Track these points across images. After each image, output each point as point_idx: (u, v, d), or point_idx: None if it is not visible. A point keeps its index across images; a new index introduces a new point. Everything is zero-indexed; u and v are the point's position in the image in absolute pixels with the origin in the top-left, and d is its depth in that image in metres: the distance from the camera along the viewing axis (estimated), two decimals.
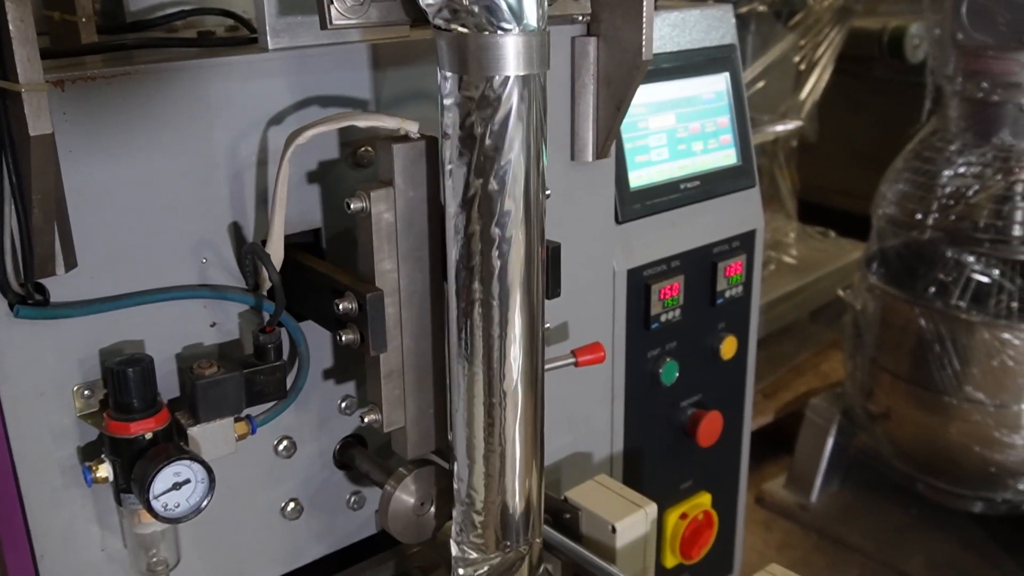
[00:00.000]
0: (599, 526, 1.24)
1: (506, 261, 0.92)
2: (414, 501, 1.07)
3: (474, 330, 0.94)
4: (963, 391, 2.45)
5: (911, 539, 2.95)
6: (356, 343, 0.96)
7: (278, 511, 1.13)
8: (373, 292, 0.94)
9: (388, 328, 0.96)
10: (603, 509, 1.24)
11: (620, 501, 1.27)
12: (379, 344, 0.96)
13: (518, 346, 0.97)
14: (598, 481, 1.31)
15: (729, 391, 1.69)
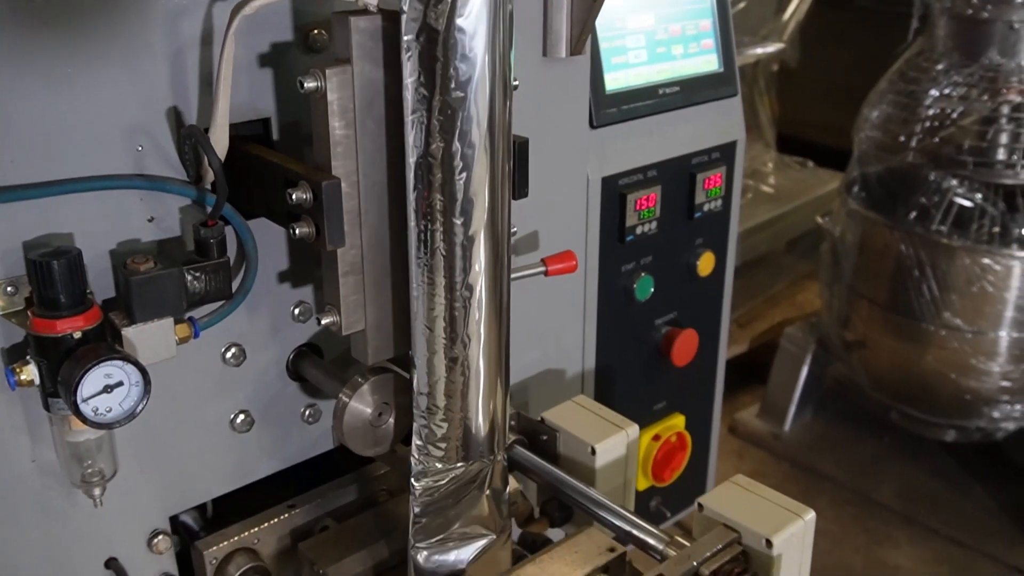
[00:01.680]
0: (578, 447, 1.18)
1: (469, 155, 0.84)
2: (371, 411, 1.00)
3: (434, 231, 0.87)
4: (941, 318, 2.41)
5: (883, 468, 2.94)
6: (311, 237, 0.89)
7: (227, 424, 1.06)
8: (329, 180, 0.86)
9: (346, 220, 0.89)
10: (582, 430, 1.18)
11: (599, 422, 1.21)
12: (336, 237, 0.88)
13: (482, 249, 0.90)
14: (576, 402, 1.25)
15: (705, 310, 1.63)
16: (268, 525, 1.06)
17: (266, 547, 1.06)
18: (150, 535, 1.04)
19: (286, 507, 1.08)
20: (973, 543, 2.63)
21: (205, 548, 1.02)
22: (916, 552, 2.61)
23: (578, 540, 1.04)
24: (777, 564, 1.00)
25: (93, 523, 0.99)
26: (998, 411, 2.54)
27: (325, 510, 1.10)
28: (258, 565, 1.03)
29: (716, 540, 1.00)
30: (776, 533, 0.99)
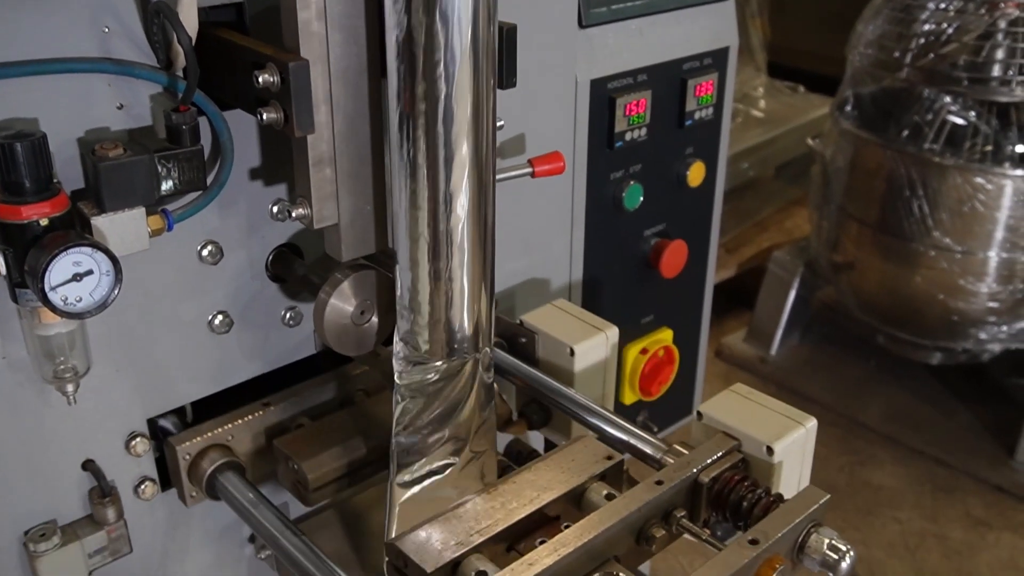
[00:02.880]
0: (556, 349, 1.16)
1: (452, 40, 0.80)
2: (352, 309, 0.98)
3: (415, 119, 0.83)
4: (931, 237, 2.40)
5: (868, 391, 2.95)
6: (279, 123, 0.85)
7: (205, 324, 1.03)
8: (297, 61, 0.82)
9: (315, 104, 0.85)
10: (561, 332, 1.17)
11: (579, 324, 1.19)
12: (304, 123, 0.84)
13: (467, 144, 0.86)
14: (556, 305, 1.23)
15: (695, 221, 1.60)
16: (242, 422, 1.04)
17: (240, 444, 1.04)
18: (128, 437, 1.01)
19: (261, 404, 1.06)
20: (956, 463, 2.66)
21: (178, 444, 1.00)
22: (900, 471, 2.63)
23: (574, 448, 1.01)
24: (778, 471, 0.98)
25: (68, 424, 0.97)
26: (984, 332, 2.54)
27: (300, 408, 1.08)
28: (232, 460, 1.01)
29: (715, 447, 0.98)
30: (777, 440, 0.97)
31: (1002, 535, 2.41)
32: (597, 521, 0.87)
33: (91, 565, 1.01)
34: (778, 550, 0.87)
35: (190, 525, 1.10)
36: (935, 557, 2.35)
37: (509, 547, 0.90)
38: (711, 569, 0.83)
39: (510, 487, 0.95)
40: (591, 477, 0.96)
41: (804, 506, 0.89)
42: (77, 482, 1.00)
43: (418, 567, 0.85)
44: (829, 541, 0.88)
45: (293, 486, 1.00)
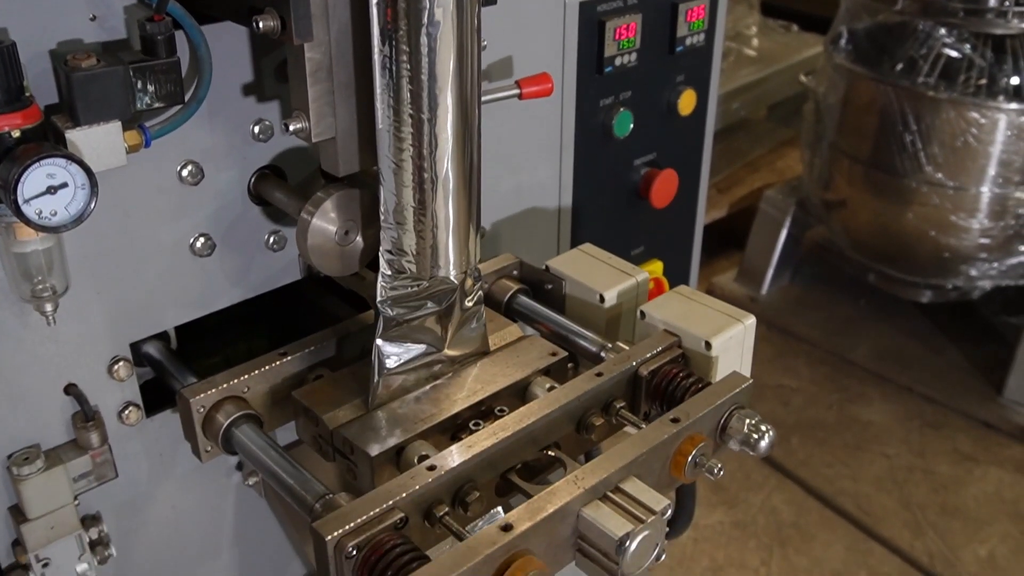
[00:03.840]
0: (585, 295, 1.15)
1: None
2: (336, 229, 0.96)
3: (398, 39, 0.81)
4: (923, 173, 2.38)
5: (858, 329, 2.96)
6: (276, 31, 0.82)
7: (186, 247, 1.01)
8: None
9: (313, 12, 0.82)
10: (589, 277, 1.15)
11: (607, 270, 1.17)
12: (303, 29, 0.82)
13: (451, 59, 0.84)
14: (582, 250, 1.21)
15: (686, 150, 1.58)
16: (258, 372, 0.99)
17: (256, 396, 1.00)
18: (110, 361, 1.00)
19: (277, 355, 1.01)
20: (945, 399, 2.67)
21: (192, 396, 0.96)
22: (888, 408, 2.64)
23: (519, 346, 1.04)
24: (716, 366, 1.02)
25: (49, 347, 0.95)
26: (975, 269, 2.54)
27: (318, 359, 1.04)
28: (249, 413, 0.97)
29: (655, 343, 1.02)
30: (715, 336, 1.01)
31: (988, 469, 2.43)
32: (537, 408, 0.92)
33: (76, 489, 1.00)
34: (699, 429, 0.92)
35: (175, 452, 1.09)
36: (922, 491, 2.37)
37: (453, 435, 0.94)
38: (632, 444, 0.87)
39: (455, 381, 0.99)
40: (535, 371, 1.00)
41: (726, 389, 0.95)
42: (60, 406, 0.99)
43: (363, 452, 0.89)
44: (750, 422, 0.93)
45: (313, 440, 0.98)
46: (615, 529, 0.80)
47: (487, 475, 0.88)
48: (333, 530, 0.76)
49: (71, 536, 1.01)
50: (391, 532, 0.78)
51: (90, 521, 1.04)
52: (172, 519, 1.12)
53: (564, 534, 0.82)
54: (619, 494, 0.84)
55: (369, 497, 0.79)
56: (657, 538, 0.82)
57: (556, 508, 0.79)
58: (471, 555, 0.74)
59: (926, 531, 2.25)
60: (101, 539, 1.05)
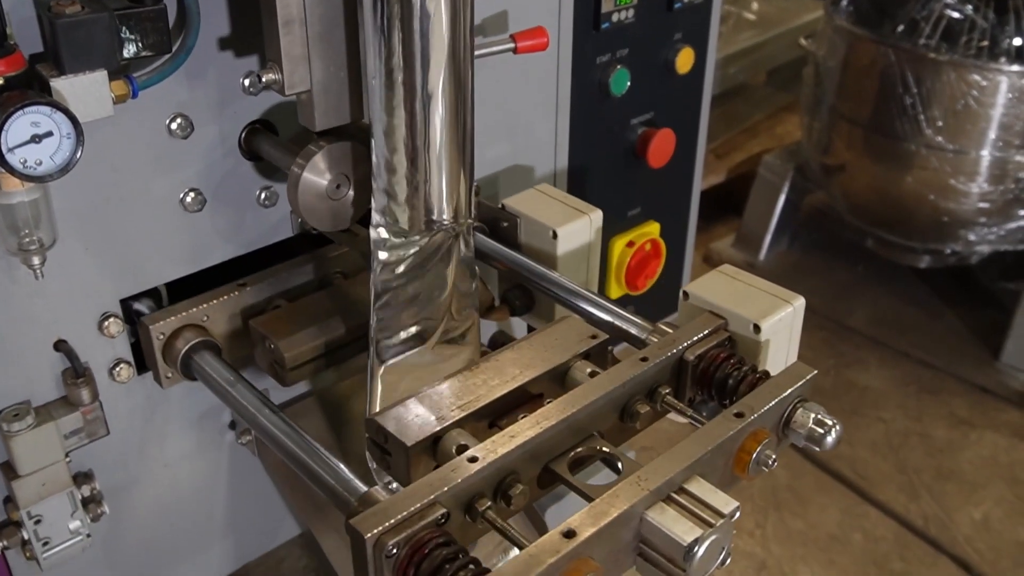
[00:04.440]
0: (539, 233, 1.14)
1: None
2: (327, 183, 0.95)
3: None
4: (923, 136, 2.36)
5: (856, 295, 2.95)
6: None
7: (176, 202, 1.00)
8: None
9: None
10: (544, 215, 1.14)
11: (562, 207, 1.17)
12: None
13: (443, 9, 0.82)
14: (538, 189, 1.20)
15: (683, 110, 1.56)
16: (217, 302, 1.01)
17: (216, 325, 1.02)
18: (100, 318, 0.99)
19: (236, 285, 1.03)
20: (942, 364, 2.67)
21: (151, 323, 0.98)
22: (885, 373, 2.64)
23: (558, 328, 0.98)
24: (765, 350, 0.96)
25: (37, 302, 0.94)
26: (974, 234, 2.52)
27: (277, 290, 1.06)
28: (207, 340, 0.99)
29: (702, 326, 0.96)
30: (764, 318, 0.95)
31: (984, 434, 2.43)
32: (580, 395, 0.85)
33: (67, 446, 1.00)
34: (763, 424, 0.86)
35: (168, 409, 1.09)
36: (918, 455, 2.37)
37: (491, 423, 0.89)
38: (696, 441, 0.81)
39: (492, 365, 0.93)
40: (575, 356, 0.93)
41: (790, 381, 0.88)
42: (50, 363, 0.98)
43: (398, 441, 0.83)
44: (815, 416, 0.87)
45: (270, 366, 0.98)
46: (683, 534, 0.73)
47: (530, 467, 0.82)
48: (373, 527, 0.70)
49: (63, 493, 1.00)
50: (433, 529, 0.72)
51: (82, 478, 1.04)
52: (165, 477, 1.12)
53: (626, 538, 0.76)
54: (684, 495, 0.77)
55: (409, 491, 0.73)
56: (724, 542, 0.76)
57: (620, 512, 0.73)
58: (534, 564, 0.68)
59: (921, 494, 2.25)
60: (93, 496, 1.04)
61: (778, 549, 2.11)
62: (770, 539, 2.14)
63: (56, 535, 1.01)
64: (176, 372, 1.01)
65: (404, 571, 0.71)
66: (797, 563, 2.08)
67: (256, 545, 1.27)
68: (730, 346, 0.97)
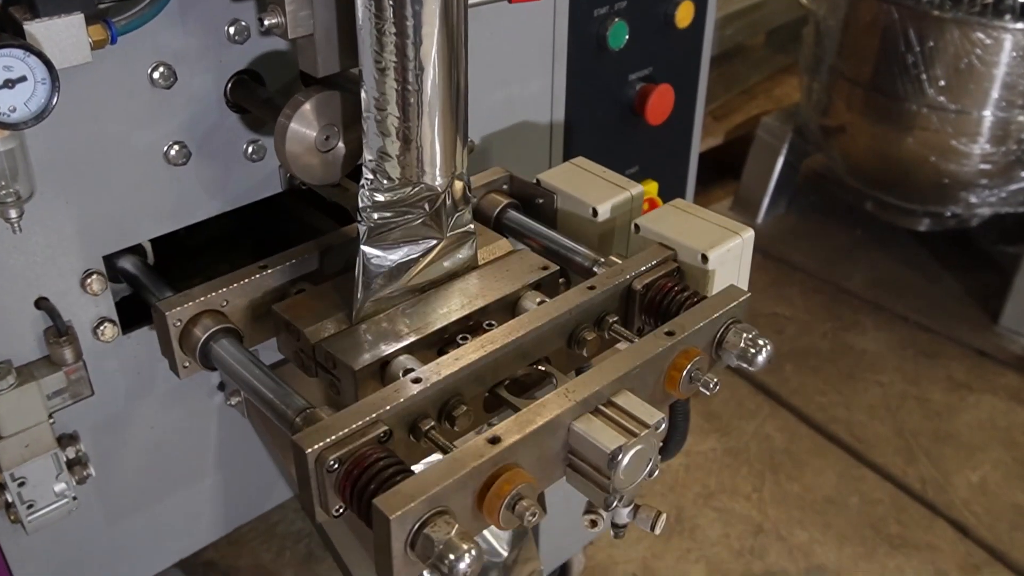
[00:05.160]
0: (578, 209, 1.10)
1: None
2: (315, 134, 0.91)
3: None
4: (925, 96, 2.32)
5: (854, 258, 2.93)
6: None
7: (160, 154, 0.96)
8: None
9: None
10: (582, 191, 1.11)
11: (600, 183, 1.13)
12: None
13: None
14: (575, 164, 1.17)
15: (683, 65, 1.52)
16: (237, 286, 0.95)
17: (236, 310, 0.96)
18: (83, 275, 0.96)
19: (257, 267, 0.97)
20: (940, 328, 2.65)
21: (168, 309, 0.92)
22: (883, 336, 2.62)
23: (509, 260, 1.01)
24: (712, 279, 0.98)
25: (17, 258, 0.91)
26: (975, 196, 2.50)
27: (300, 273, 1.00)
28: (228, 327, 0.94)
29: (650, 256, 0.98)
30: (711, 249, 0.97)
31: (982, 397, 2.42)
32: (526, 321, 0.88)
33: (51, 407, 0.97)
34: (695, 343, 0.89)
35: (155, 370, 1.06)
36: (915, 418, 2.36)
37: (440, 350, 0.91)
38: (625, 356, 0.84)
39: (442, 294, 0.96)
40: (525, 285, 0.97)
41: (723, 302, 0.91)
42: (31, 321, 0.95)
43: (346, 365, 0.86)
44: (747, 336, 0.90)
45: (295, 355, 0.94)
46: (607, 442, 0.77)
47: (475, 389, 0.85)
48: (314, 442, 0.73)
49: (47, 455, 0.98)
50: (374, 445, 0.75)
51: (67, 440, 1.01)
52: (152, 439, 1.09)
53: (554, 448, 0.79)
54: (611, 407, 0.81)
55: (352, 410, 0.76)
56: (650, 453, 0.79)
57: (546, 421, 0.76)
58: (457, 467, 0.71)
59: (919, 457, 2.24)
60: (79, 458, 1.02)
61: (774, 512, 2.10)
62: (767, 502, 2.13)
63: (41, 498, 0.99)
64: (195, 362, 0.95)
65: (344, 485, 0.74)
66: (794, 526, 2.07)
67: (248, 508, 1.25)
68: (678, 276, 0.99)
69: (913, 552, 2.01)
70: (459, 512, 0.72)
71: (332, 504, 0.76)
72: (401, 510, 0.67)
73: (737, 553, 2.00)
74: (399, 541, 0.69)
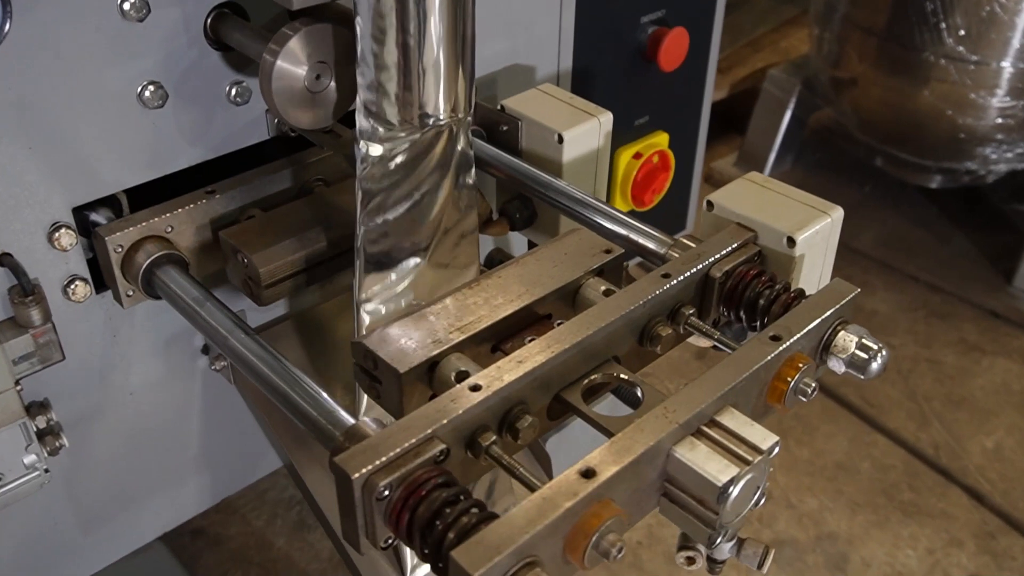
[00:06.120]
0: (543, 137, 1.02)
1: None
2: (305, 72, 0.82)
3: None
4: (943, 46, 2.23)
5: (862, 216, 2.85)
6: None
7: (134, 96, 0.87)
8: None
9: None
10: (548, 118, 1.02)
11: (568, 109, 1.05)
12: None
13: None
14: (541, 89, 1.08)
15: (696, 7, 1.43)
16: (183, 211, 0.89)
17: (182, 237, 0.90)
18: (50, 228, 0.87)
19: (204, 192, 0.91)
20: (951, 288, 2.58)
21: (107, 234, 0.86)
22: (893, 297, 2.55)
23: (567, 241, 0.87)
24: (798, 266, 0.87)
25: None
26: (992, 151, 2.41)
27: (251, 199, 0.94)
28: (171, 253, 0.88)
29: (729, 239, 0.86)
30: (799, 231, 0.85)
31: (996, 360, 2.35)
32: (596, 316, 0.75)
33: (17, 372, 0.89)
34: (801, 348, 0.76)
35: (132, 332, 0.98)
36: (928, 382, 2.29)
37: (494, 347, 0.79)
38: (728, 367, 0.71)
39: (494, 282, 0.82)
40: (587, 272, 0.83)
41: (831, 300, 0.79)
42: None
43: (390, 368, 0.72)
44: (858, 339, 0.78)
45: (243, 283, 0.87)
46: (716, 473, 0.64)
47: (540, 396, 0.72)
48: (362, 465, 0.60)
49: (15, 425, 0.90)
50: (431, 467, 0.63)
51: (37, 408, 0.93)
52: (131, 407, 1.02)
53: (651, 478, 0.66)
54: (716, 429, 0.68)
55: (403, 424, 0.64)
56: (760, 480, 0.67)
57: (646, 448, 0.64)
58: (549, 509, 0.59)
59: (932, 422, 2.18)
60: (50, 428, 0.94)
61: (784, 479, 2.04)
62: (776, 468, 2.06)
63: (9, 471, 0.91)
64: (138, 289, 0.89)
65: (398, 516, 0.61)
66: (803, 493, 2.01)
67: (235, 479, 1.17)
68: (760, 262, 0.88)
69: (927, 520, 1.95)
70: (547, 560, 0.59)
71: (381, 536, 0.63)
72: (486, 566, 0.55)
73: (745, 520, 1.94)
74: None
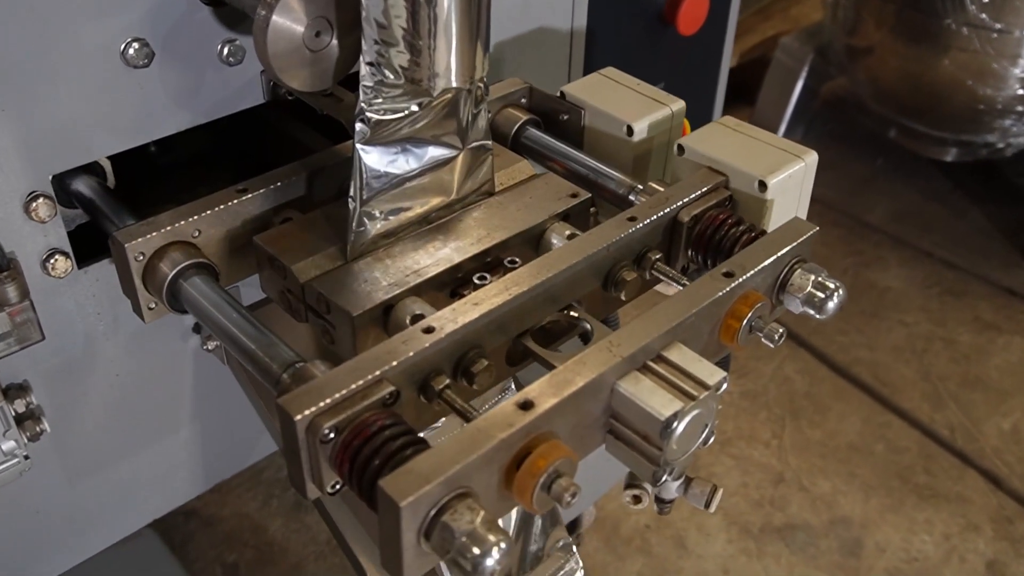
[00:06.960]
0: (610, 128, 0.95)
1: None
2: (303, 29, 0.75)
3: None
4: (965, 13, 2.15)
5: (875, 189, 2.78)
6: None
7: (117, 54, 0.80)
8: None
9: None
10: (614, 106, 0.96)
11: (635, 96, 0.98)
12: None
13: None
14: (604, 75, 1.02)
15: None
16: (211, 213, 0.79)
17: (210, 241, 0.80)
18: (26, 198, 0.80)
19: (235, 191, 0.81)
20: (966, 265, 2.51)
21: (127, 240, 0.76)
22: (906, 273, 2.49)
23: (532, 185, 0.86)
24: (770, 211, 0.85)
25: None
26: (1012, 122, 2.33)
27: (286, 198, 0.84)
28: (201, 262, 0.78)
29: (699, 183, 0.84)
30: (770, 175, 0.84)
31: (1013, 339, 2.29)
32: (557, 259, 0.74)
33: None
34: (756, 286, 0.75)
35: (117, 309, 0.91)
36: (942, 361, 2.23)
37: (453, 292, 0.77)
38: (677, 303, 0.70)
39: (455, 225, 0.81)
40: (551, 216, 0.82)
41: (788, 238, 0.77)
42: None
43: (342, 310, 0.72)
44: (815, 278, 0.77)
45: (281, 295, 0.79)
46: (660, 407, 0.63)
47: (497, 340, 0.71)
48: (305, 407, 0.59)
49: None
50: (379, 410, 0.61)
51: (15, 391, 0.87)
52: (117, 389, 0.95)
53: (594, 413, 0.65)
54: (662, 364, 0.67)
55: (351, 366, 0.62)
56: (707, 418, 0.66)
57: (588, 381, 0.63)
58: (483, 439, 0.57)
59: (947, 403, 2.12)
60: (30, 412, 0.88)
61: (796, 461, 1.98)
62: (787, 450, 2.01)
63: None
64: (161, 302, 0.80)
65: (342, 459, 0.60)
66: (816, 476, 1.95)
67: (229, 463, 1.12)
68: (731, 206, 0.86)
69: (943, 504, 1.89)
70: (483, 493, 0.58)
71: (327, 480, 0.62)
72: (414, 495, 0.54)
73: (756, 504, 1.89)
74: (411, 531, 0.55)
